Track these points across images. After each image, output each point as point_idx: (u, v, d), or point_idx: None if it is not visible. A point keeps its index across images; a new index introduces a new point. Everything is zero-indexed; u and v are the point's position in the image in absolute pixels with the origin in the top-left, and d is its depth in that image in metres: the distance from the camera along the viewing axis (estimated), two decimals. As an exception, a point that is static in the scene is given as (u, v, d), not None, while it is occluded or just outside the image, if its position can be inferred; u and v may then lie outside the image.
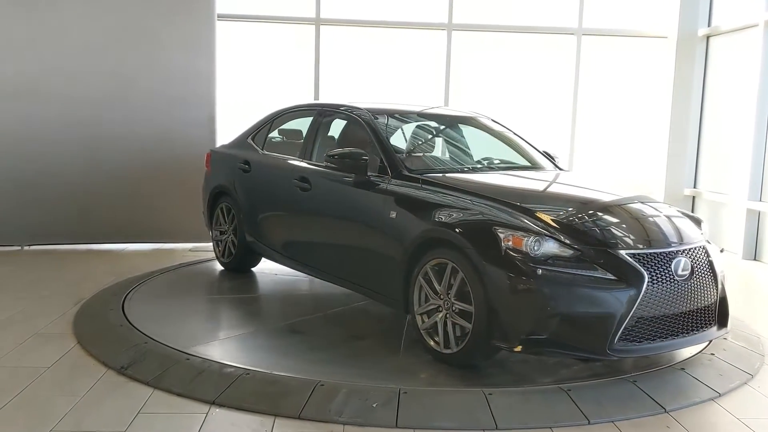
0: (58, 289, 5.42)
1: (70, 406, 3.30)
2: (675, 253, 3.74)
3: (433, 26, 8.25)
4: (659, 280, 3.61)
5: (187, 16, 6.99)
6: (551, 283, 3.49)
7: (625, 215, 4.04)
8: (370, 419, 3.24)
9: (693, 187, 8.39)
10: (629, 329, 3.55)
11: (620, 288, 3.52)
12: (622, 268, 3.56)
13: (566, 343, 3.55)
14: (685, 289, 3.72)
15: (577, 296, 3.51)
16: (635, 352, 3.63)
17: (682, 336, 3.75)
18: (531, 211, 3.81)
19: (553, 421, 3.28)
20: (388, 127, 5.01)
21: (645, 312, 3.57)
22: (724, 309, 4.02)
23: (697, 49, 8.18)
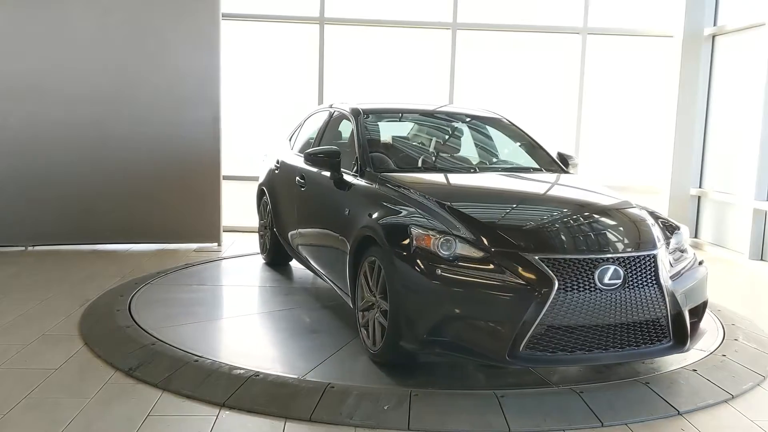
0: (63, 290, 5.39)
1: (79, 409, 3.27)
2: (600, 260, 3.46)
3: (437, 25, 8.23)
4: (576, 288, 3.38)
5: (192, 15, 6.96)
6: (452, 284, 3.41)
7: (560, 219, 3.90)
8: (382, 422, 3.22)
9: (699, 187, 8.36)
10: (538, 337, 3.36)
11: (526, 293, 3.34)
12: (532, 272, 3.38)
13: (467, 347, 3.44)
14: (613, 300, 3.43)
15: (478, 299, 3.40)
16: (544, 362, 3.47)
17: (613, 350, 3.49)
18: (458, 211, 3.74)
19: (566, 423, 3.26)
20: (379, 125, 5.18)
21: (557, 320, 3.36)
22: (681, 325, 3.64)
23: (703, 48, 8.15)
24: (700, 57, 8.14)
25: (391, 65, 8.42)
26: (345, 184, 4.55)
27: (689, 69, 8.13)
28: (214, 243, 7.24)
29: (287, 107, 8.37)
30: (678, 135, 8.21)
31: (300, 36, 8.27)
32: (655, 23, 8.44)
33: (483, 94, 8.40)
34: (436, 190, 4.22)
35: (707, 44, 8.18)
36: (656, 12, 8.47)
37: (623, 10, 8.50)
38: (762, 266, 7.07)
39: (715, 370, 3.93)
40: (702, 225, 8.38)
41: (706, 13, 8.11)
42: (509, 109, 5.80)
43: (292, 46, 8.31)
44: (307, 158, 4.74)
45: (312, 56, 8.14)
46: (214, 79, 7.05)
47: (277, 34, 8.24)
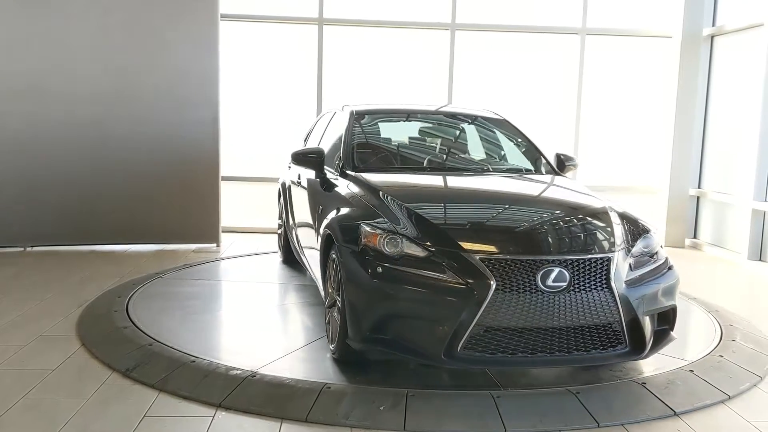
0: (61, 290, 5.40)
1: (75, 409, 3.27)
2: (544, 262, 3.40)
3: (436, 26, 8.23)
4: (515, 289, 3.33)
5: (191, 15, 6.97)
6: (392, 282, 3.43)
7: (512, 220, 3.91)
8: (378, 422, 3.21)
9: (698, 188, 8.36)
10: (477, 338, 3.34)
11: (463, 293, 3.32)
12: (471, 272, 3.35)
13: (408, 346, 3.45)
14: (558, 303, 3.36)
15: (415, 298, 3.41)
16: (483, 363, 3.46)
17: (559, 354, 3.41)
18: (412, 211, 3.72)
19: (563, 424, 3.26)
20: (373, 126, 5.25)
21: (496, 321, 3.33)
22: (638, 331, 3.55)
23: (702, 48, 8.15)
24: (699, 57, 8.14)
25: (390, 66, 8.43)
26: (326, 182, 4.63)
27: (688, 69, 8.13)
28: (213, 243, 7.25)
29: (286, 108, 8.39)
30: (677, 135, 8.21)
31: (299, 36, 8.27)
32: (653, 24, 8.44)
33: (482, 95, 8.41)
34: (403, 190, 4.22)
35: (706, 45, 8.18)
36: (655, 12, 8.47)
37: (622, 10, 8.50)
38: (760, 266, 7.06)
39: (712, 370, 3.93)
40: (701, 225, 8.39)
41: (705, 14, 8.11)
42: (508, 110, 5.79)
43: (291, 46, 8.31)
44: (293, 158, 4.86)
45: (311, 57, 8.14)
46: (213, 79, 7.05)
47: (275, 34, 8.25)
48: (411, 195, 4.13)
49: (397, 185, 4.30)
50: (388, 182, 4.29)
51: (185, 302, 5.10)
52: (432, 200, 4.18)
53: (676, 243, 8.28)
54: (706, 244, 8.11)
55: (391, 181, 4.37)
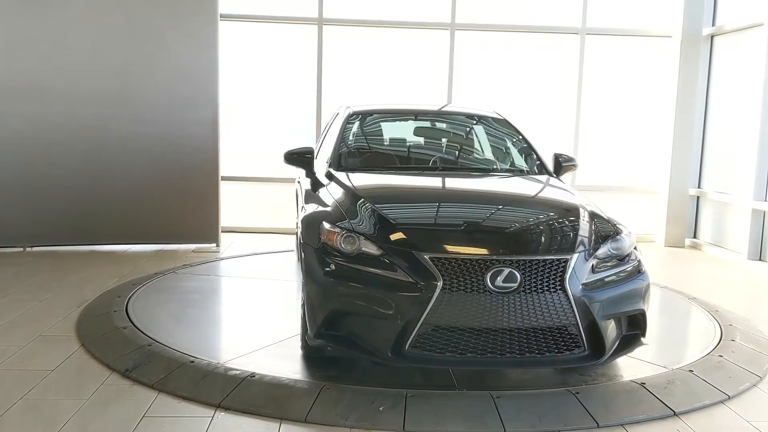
0: (61, 291, 5.40)
1: (75, 410, 3.27)
2: (494, 261, 3.35)
3: (436, 26, 8.23)
4: (463, 288, 3.30)
5: (191, 16, 6.96)
6: (343, 279, 3.47)
7: (470, 219, 3.91)
8: (377, 423, 3.22)
9: (698, 188, 8.35)
10: (425, 337, 3.34)
11: (411, 292, 3.33)
12: (420, 271, 3.35)
13: (358, 343, 3.48)
14: (508, 304, 3.32)
15: (365, 295, 3.43)
16: (431, 362, 3.42)
17: (510, 355, 3.37)
18: (374, 210, 3.74)
19: (562, 424, 3.26)
20: (368, 125, 5.29)
21: (444, 321, 3.32)
22: (597, 337, 3.46)
23: (702, 48, 8.14)
24: (699, 57, 8.14)
25: (389, 66, 8.42)
26: (314, 181, 4.68)
27: (688, 69, 8.13)
28: (212, 243, 7.24)
29: (286, 108, 8.39)
30: (677, 135, 8.21)
31: (298, 36, 8.27)
32: (653, 23, 8.43)
33: (482, 95, 8.40)
34: (376, 190, 4.26)
35: (706, 44, 8.18)
36: (655, 12, 8.46)
37: (621, 10, 8.50)
38: (760, 266, 7.06)
39: (711, 370, 3.93)
40: (701, 225, 8.38)
41: (705, 14, 8.11)
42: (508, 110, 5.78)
43: (290, 46, 8.31)
44: (285, 157, 4.90)
45: (310, 57, 8.14)
46: (213, 79, 7.05)
47: (275, 34, 8.24)
48: (382, 195, 4.16)
49: (373, 185, 4.34)
50: (365, 182, 4.33)
51: (185, 302, 5.10)
52: (401, 200, 4.18)
53: (676, 243, 8.28)
54: (706, 244, 8.11)
55: (370, 180, 4.41)
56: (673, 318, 5.29)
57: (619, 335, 3.63)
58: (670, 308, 5.49)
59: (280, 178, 7.86)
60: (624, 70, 8.58)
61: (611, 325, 3.56)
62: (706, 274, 6.99)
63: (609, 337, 3.53)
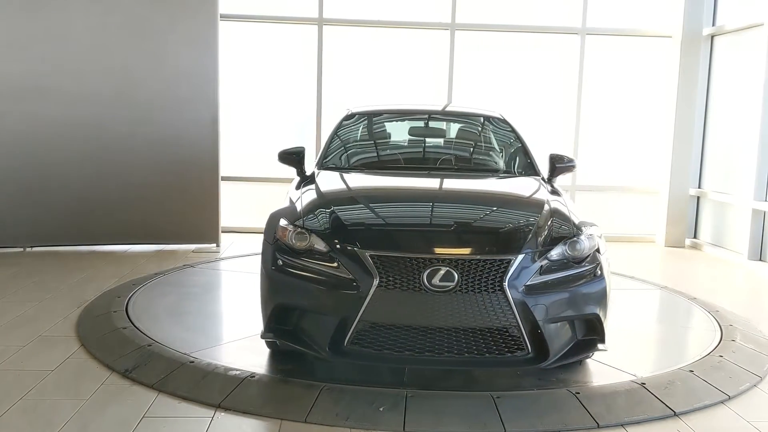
0: (61, 291, 5.39)
1: (74, 410, 3.27)
2: (432, 260, 3.34)
3: (436, 26, 8.22)
4: (399, 286, 3.32)
5: (191, 16, 6.96)
6: (287, 274, 3.56)
7: (418, 218, 3.94)
8: (377, 423, 3.21)
9: (698, 188, 8.35)
10: (363, 333, 3.38)
11: (350, 289, 3.37)
12: (360, 268, 3.38)
13: (302, 338, 3.54)
14: (445, 303, 3.32)
15: (308, 291, 3.51)
16: (369, 359, 3.46)
17: (448, 354, 3.37)
18: (332, 208, 3.81)
19: (563, 424, 3.25)
20: (364, 126, 5.34)
21: (381, 318, 3.36)
22: (540, 341, 3.41)
23: (702, 48, 8.14)
24: (699, 57, 8.13)
25: (389, 66, 8.42)
26: (300, 180, 4.71)
27: (688, 69, 8.12)
28: (212, 244, 7.24)
29: (286, 108, 8.39)
30: (677, 135, 8.20)
31: (299, 37, 8.27)
32: (653, 23, 8.43)
33: (482, 95, 8.40)
34: (338, 188, 4.33)
35: (706, 44, 8.18)
36: (655, 12, 8.46)
37: (622, 10, 8.50)
38: (760, 267, 7.06)
39: (712, 370, 3.92)
40: (701, 225, 8.38)
41: (705, 14, 8.10)
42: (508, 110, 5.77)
43: (290, 46, 8.31)
44: (278, 156, 4.95)
45: (311, 57, 8.13)
46: (213, 79, 7.05)
47: (275, 34, 8.24)
48: (343, 194, 4.21)
49: (340, 185, 4.41)
50: (336, 181, 4.43)
51: (185, 303, 5.09)
52: (360, 200, 4.14)
53: (676, 243, 8.28)
54: (706, 244, 8.11)
55: (342, 180, 4.46)
56: (674, 318, 5.29)
57: (573, 339, 3.56)
58: (671, 308, 5.48)
59: (280, 179, 7.84)
60: (624, 70, 8.58)
61: (562, 329, 3.52)
62: (706, 275, 6.99)
63: (556, 340, 3.47)
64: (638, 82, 8.59)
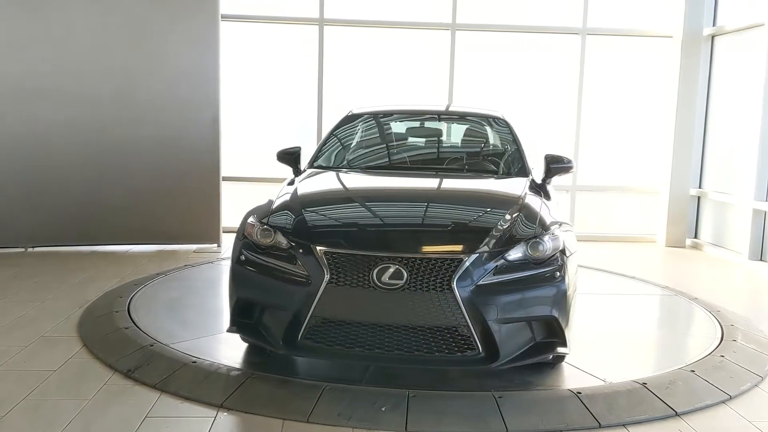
0: (62, 291, 5.40)
1: (77, 411, 3.27)
2: (381, 258, 3.37)
3: (437, 26, 8.23)
4: (349, 283, 3.36)
5: (192, 16, 6.97)
6: (250, 270, 3.67)
7: (377, 217, 3.97)
8: (379, 423, 3.22)
9: (698, 188, 8.36)
10: (315, 329, 3.46)
11: (302, 284, 3.46)
12: (313, 265, 3.46)
13: (260, 333, 3.64)
14: (394, 301, 3.35)
15: (265, 286, 3.62)
16: (320, 354, 3.53)
17: (398, 352, 3.39)
18: (299, 207, 3.89)
19: (564, 424, 3.26)
20: (363, 126, 5.39)
21: (332, 314, 3.43)
22: (491, 342, 3.38)
23: (702, 48, 8.14)
24: (700, 57, 8.14)
25: (390, 66, 8.43)
26: (292, 178, 4.75)
27: (688, 69, 8.13)
28: (213, 244, 7.25)
29: (287, 108, 8.39)
30: (677, 135, 8.21)
31: (299, 37, 8.27)
32: (654, 24, 8.43)
33: (483, 95, 8.41)
34: (313, 187, 4.41)
35: (706, 44, 8.18)
36: (655, 12, 8.46)
37: (622, 10, 8.50)
38: (761, 266, 7.06)
39: (713, 370, 3.93)
40: (701, 225, 8.38)
41: (706, 14, 8.11)
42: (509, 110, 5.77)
43: (291, 47, 8.31)
44: (276, 156, 5.06)
45: (311, 57, 8.14)
46: (214, 80, 7.06)
47: (276, 35, 8.25)
48: (315, 193, 4.30)
49: (316, 183, 4.48)
50: (314, 180, 4.53)
51: (186, 302, 5.10)
52: (331, 199, 4.26)
53: (676, 243, 8.28)
54: (706, 244, 8.11)
55: (323, 179, 4.56)
56: (675, 318, 5.30)
57: (531, 341, 3.51)
58: (672, 308, 5.49)
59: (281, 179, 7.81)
60: (625, 70, 8.59)
61: (519, 330, 3.48)
62: (706, 275, 6.99)
63: (510, 341, 3.44)
64: (639, 82, 8.59)
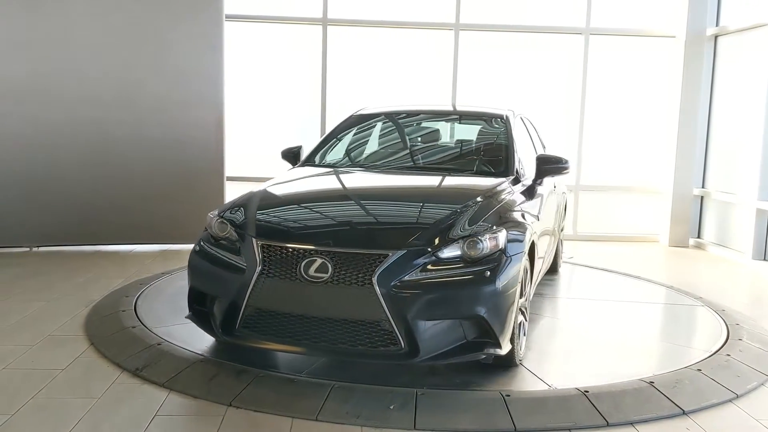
0: (67, 290, 5.40)
1: (86, 410, 3.28)
2: (310, 251, 3.48)
3: (440, 26, 8.24)
4: (279, 275, 3.51)
5: (196, 16, 6.97)
6: (202, 260, 3.86)
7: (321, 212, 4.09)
8: (388, 421, 3.22)
9: (702, 187, 8.36)
10: (251, 318, 3.60)
11: (238, 274, 3.60)
12: (250, 256, 3.61)
13: (206, 322, 3.81)
14: (319, 294, 3.44)
15: (208, 275, 3.81)
16: (254, 343, 3.64)
17: (324, 344, 3.46)
18: (256, 201, 4.05)
19: (572, 422, 3.27)
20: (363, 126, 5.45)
21: (265, 304, 3.57)
22: (413, 337, 3.38)
23: (706, 48, 8.16)
24: (703, 57, 8.15)
25: (393, 66, 8.43)
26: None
27: (692, 69, 8.14)
28: (217, 244, 7.23)
29: (291, 108, 8.40)
30: (681, 135, 8.22)
31: (303, 37, 8.28)
32: (657, 24, 8.44)
33: (486, 95, 8.42)
34: (288, 183, 4.54)
35: (710, 44, 8.19)
36: (659, 12, 8.48)
37: (625, 10, 8.51)
38: (765, 266, 7.07)
39: (719, 369, 3.94)
40: (705, 225, 8.39)
41: (709, 14, 8.12)
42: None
43: (295, 46, 8.32)
44: (281, 154, 5.22)
45: (315, 57, 8.15)
46: (218, 80, 7.06)
47: (280, 35, 8.26)
48: (277, 190, 4.36)
49: (287, 182, 4.56)
50: (289, 177, 4.65)
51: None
52: (290, 195, 4.37)
53: (680, 243, 8.29)
54: (710, 244, 8.12)
55: (296, 177, 4.67)
56: (680, 317, 5.30)
57: (460, 339, 3.48)
58: (677, 308, 5.50)
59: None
60: (628, 70, 8.60)
61: (447, 327, 3.46)
62: (710, 274, 7.00)
63: (435, 338, 3.43)
64: (642, 81, 8.60)
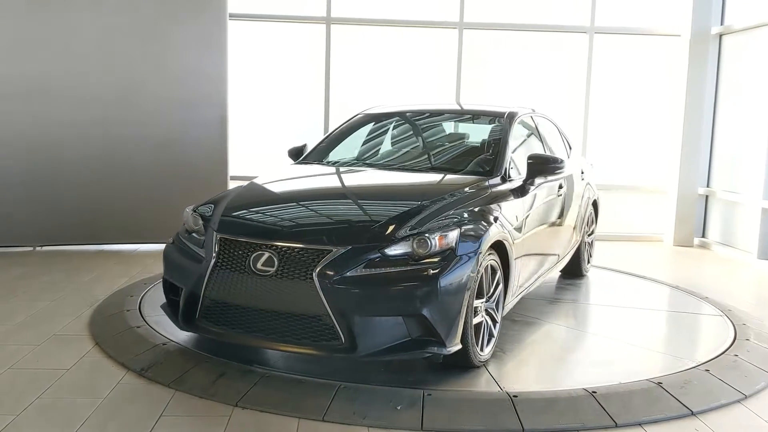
0: (71, 290, 5.39)
1: (92, 409, 3.27)
2: (259, 246, 3.61)
3: (444, 25, 8.22)
4: (231, 267, 3.65)
5: (199, 16, 6.96)
6: (172, 253, 4.06)
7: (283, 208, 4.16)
8: (395, 422, 3.21)
9: (707, 187, 8.34)
10: (209, 309, 3.74)
11: (197, 266, 3.76)
12: (209, 249, 3.76)
13: (172, 310, 3.97)
14: (265, 287, 3.55)
15: (177, 267, 3.98)
16: (212, 334, 3.74)
17: (273, 336, 3.55)
18: (228, 198, 4.21)
19: (580, 423, 3.25)
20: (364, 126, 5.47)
21: (220, 296, 3.68)
22: (351, 333, 3.42)
23: (710, 47, 8.12)
24: (708, 56, 8.12)
25: (397, 64, 8.41)
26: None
27: (696, 68, 8.11)
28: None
29: (295, 107, 8.38)
30: (685, 134, 8.19)
31: (307, 36, 8.27)
32: (662, 22, 8.42)
33: (490, 94, 8.40)
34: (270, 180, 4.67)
35: (714, 43, 8.16)
36: (663, 11, 8.45)
37: (630, 9, 8.48)
38: (770, 266, 7.05)
39: (727, 370, 3.92)
40: (710, 224, 8.37)
41: (713, 12, 8.09)
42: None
43: (299, 45, 8.31)
44: (288, 153, 5.34)
45: (319, 56, 8.13)
46: (222, 79, 7.05)
47: (284, 34, 8.24)
48: (253, 188, 4.48)
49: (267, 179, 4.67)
50: (272, 176, 4.78)
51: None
52: (261, 192, 4.44)
53: (684, 242, 8.26)
54: (715, 244, 8.09)
55: (279, 174, 4.82)
56: (686, 317, 5.28)
57: (404, 336, 3.47)
58: (683, 308, 5.47)
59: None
60: (632, 69, 8.57)
61: (390, 324, 3.46)
62: (716, 274, 6.98)
63: (376, 334, 3.44)
64: (646, 80, 8.57)
